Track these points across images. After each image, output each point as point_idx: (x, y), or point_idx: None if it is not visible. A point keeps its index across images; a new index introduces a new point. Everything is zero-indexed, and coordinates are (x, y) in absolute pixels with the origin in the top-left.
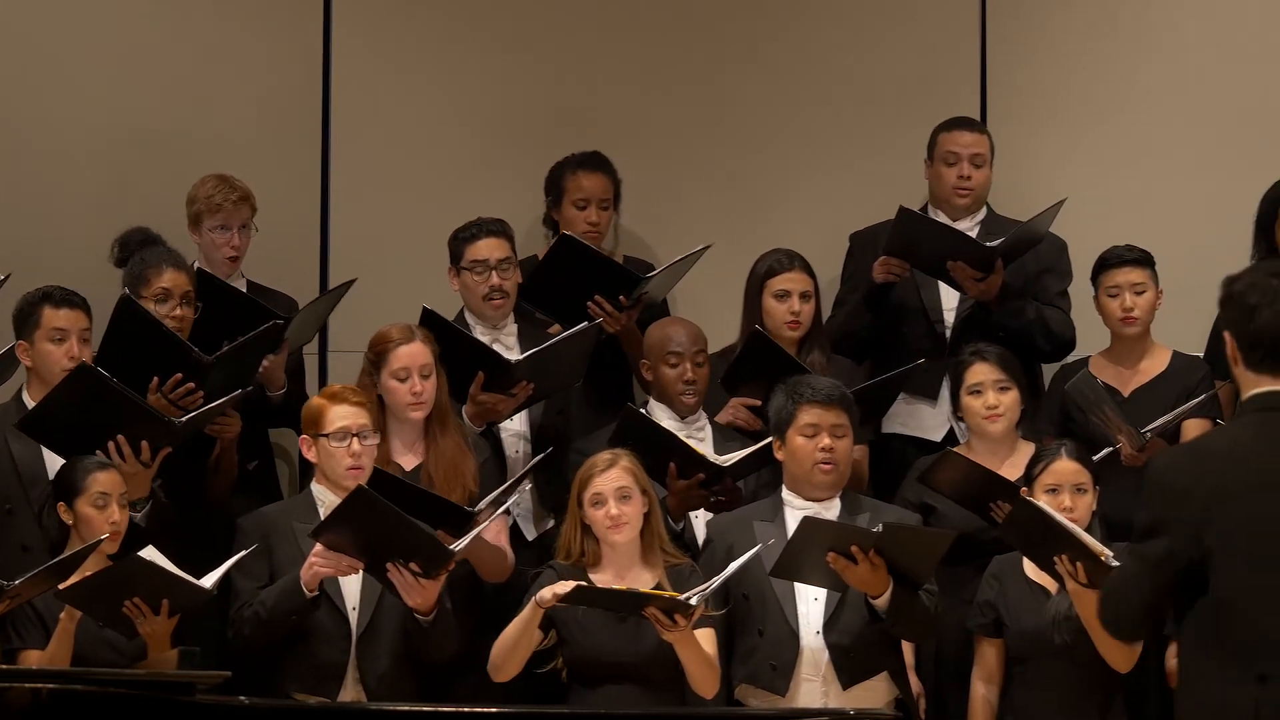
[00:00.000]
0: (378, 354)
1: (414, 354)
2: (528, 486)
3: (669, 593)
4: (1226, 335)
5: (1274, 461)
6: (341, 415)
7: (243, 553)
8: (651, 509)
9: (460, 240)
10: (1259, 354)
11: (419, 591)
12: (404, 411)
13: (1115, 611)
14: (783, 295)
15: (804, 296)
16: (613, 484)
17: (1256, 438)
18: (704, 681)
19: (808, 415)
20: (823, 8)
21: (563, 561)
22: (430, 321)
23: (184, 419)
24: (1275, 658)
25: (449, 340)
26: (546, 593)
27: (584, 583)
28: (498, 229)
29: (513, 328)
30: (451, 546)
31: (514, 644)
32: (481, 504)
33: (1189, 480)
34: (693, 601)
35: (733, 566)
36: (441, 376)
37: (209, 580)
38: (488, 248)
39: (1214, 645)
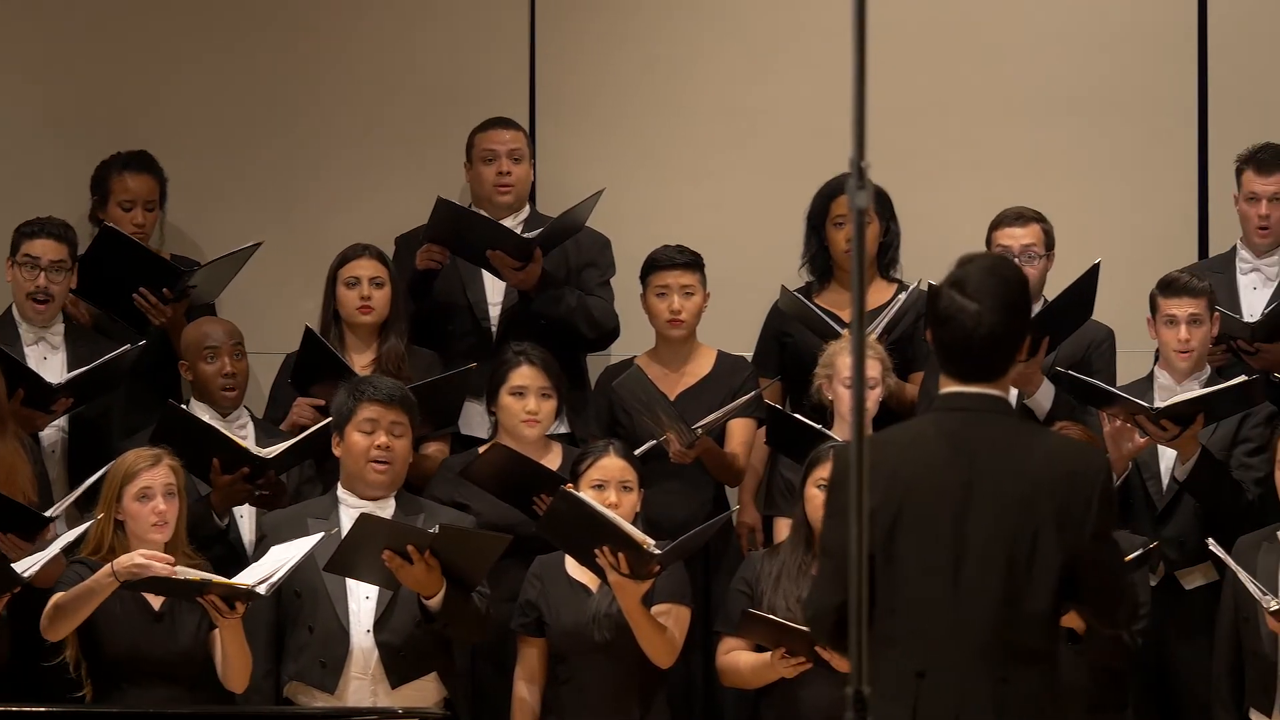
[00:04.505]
0: None
1: None
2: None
3: (233, 581)
4: (929, 332)
5: (947, 460)
6: None
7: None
8: (182, 511)
9: (20, 234)
10: (941, 360)
11: None
12: None
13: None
14: (352, 282)
15: (373, 282)
16: (161, 480)
17: (936, 435)
18: (241, 675)
19: (367, 411)
20: (372, 5)
21: (90, 557)
22: None
23: None
24: (931, 654)
25: None
26: (130, 563)
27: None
28: (59, 233)
29: (60, 327)
30: (21, 571)
31: (78, 609)
32: (51, 511)
33: (870, 471)
34: (260, 590)
35: (299, 555)
36: None
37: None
38: (41, 247)
39: (883, 638)
